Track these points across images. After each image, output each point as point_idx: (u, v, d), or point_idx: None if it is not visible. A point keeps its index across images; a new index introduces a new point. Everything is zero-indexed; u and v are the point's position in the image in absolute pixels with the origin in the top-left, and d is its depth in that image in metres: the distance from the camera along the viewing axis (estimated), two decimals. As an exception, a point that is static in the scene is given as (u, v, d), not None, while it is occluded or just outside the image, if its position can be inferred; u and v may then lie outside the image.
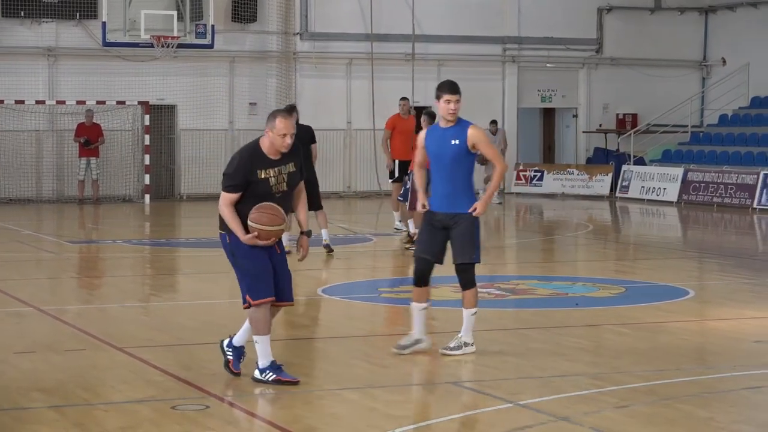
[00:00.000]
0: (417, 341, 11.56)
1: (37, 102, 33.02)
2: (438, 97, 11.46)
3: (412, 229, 20.39)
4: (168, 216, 29.98)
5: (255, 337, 10.29)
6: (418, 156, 11.86)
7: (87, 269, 19.96)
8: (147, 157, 33.42)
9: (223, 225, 10.28)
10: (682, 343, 12.54)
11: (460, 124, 11.45)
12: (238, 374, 10.48)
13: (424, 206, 11.52)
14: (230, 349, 10.62)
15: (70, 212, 30.19)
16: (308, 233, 10.81)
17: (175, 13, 32.32)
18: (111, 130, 32.80)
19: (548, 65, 38.49)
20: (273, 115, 10.33)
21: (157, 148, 33.88)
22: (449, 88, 11.42)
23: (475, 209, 11.37)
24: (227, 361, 10.56)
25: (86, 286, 17.86)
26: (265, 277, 10.14)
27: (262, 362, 10.29)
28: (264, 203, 10.05)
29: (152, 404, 9.70)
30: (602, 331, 13.33)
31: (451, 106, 11.32)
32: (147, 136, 33.44)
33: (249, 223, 9.99)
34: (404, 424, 8.96)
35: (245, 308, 10.25)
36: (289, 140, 10.24)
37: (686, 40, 39.51)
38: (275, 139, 10.17)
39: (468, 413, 9.34)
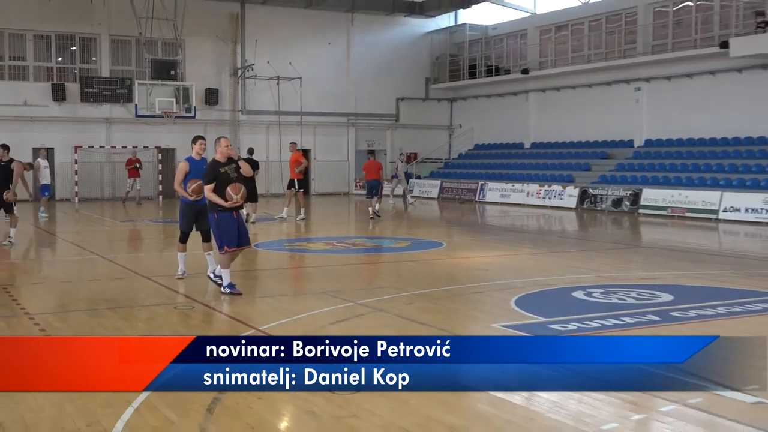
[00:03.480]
0: (184, 272, 11.24)
1: (100, 147, 32.18)
2: (195, 141, 10.84)
3: (377, 208, 22.20)
4: (173, 207, 29.33)
5: (223, 270, 10.13)
6: (179, 176, 10.83)
7: (129, 235, 19.45)
8: (160, 176, 32.73)
9: (211, 208, 9.95)
10: (441, 270, 12.67)
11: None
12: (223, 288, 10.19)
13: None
14: (218, 277, 10.40)
15: (119, 206, 29.42)
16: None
17: (174, 99, 31.83)
18: (142, 161, 32.21)
19: (371, 127, 38.47)
20: (218, 138, 10.05)
21: (165, 172, 33.10)
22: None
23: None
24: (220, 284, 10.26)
25: (128, 244, 17.42)
26: (234, 236, 9.92)
27: (226, 282, 10.12)
28: (233, 183, 9.87)
29: (164, 306, 9.49)
30: (401, 264, 13.42)
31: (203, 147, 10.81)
32: (160, 165, 32.78)
33: (227, 191, 9.77)
34: (287, 316, 8.82)
35: (222, 253, 10.02)
36: (230, 148, 10.10)
37: (441, 114, 39.81)
38: (223, 149, 10.03)
39: (325, 309, 9.27)
